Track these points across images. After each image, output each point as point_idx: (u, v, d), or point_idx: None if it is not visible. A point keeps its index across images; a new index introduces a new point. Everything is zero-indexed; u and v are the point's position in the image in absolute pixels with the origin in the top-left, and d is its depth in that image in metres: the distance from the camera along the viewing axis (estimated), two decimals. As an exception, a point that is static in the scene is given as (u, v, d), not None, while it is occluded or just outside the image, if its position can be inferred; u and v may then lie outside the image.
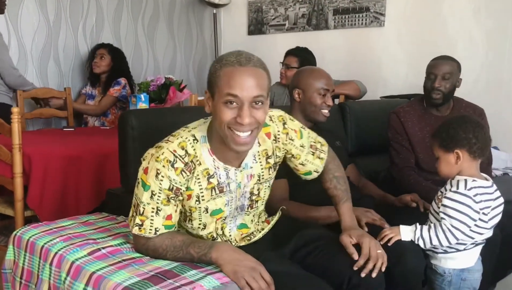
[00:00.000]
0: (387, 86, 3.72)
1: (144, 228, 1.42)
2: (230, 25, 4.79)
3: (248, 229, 1.61)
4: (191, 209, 1.46)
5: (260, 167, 1.52)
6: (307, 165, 1.66)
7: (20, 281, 1.63)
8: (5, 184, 2.46)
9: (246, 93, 1.29)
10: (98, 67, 3.67)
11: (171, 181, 1.37)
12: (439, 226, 1.66)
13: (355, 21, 3.93)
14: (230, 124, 1.31)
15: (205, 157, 1.42)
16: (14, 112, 2.37)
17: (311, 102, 2.05)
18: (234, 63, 1.31)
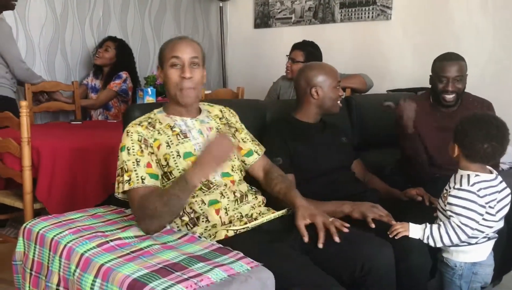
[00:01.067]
0: (393, 80, 3.72)
1: (132, 180, 1.59)
2: (236, 19, 4.79)
3: (231, 176, 1.75)
4: (166, 158, 1.67)
5: (215, 123, 1.84)
6: (247, 143, 1.90)
7: (31, 272, 1.65)
8: (14, 177, 2.48)
9: (185, 55, 1.69)
10: (100, 58, 3.67)
11: (139, 134, 1.67)
12: (448, 224, 1.67)
13: (362, 14, 3.93)
14: (178, 82, 1.69)
15: (162, 119, 1.75)
16: (22, 106, 2.39)
17: (330, 97, 2.11)
18: (175, 38, 1.75)
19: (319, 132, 2.16)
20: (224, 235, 1.61)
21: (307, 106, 2.14)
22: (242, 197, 1.75)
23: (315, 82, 2.10)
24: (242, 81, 4.29)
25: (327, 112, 2.16)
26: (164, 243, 1.54)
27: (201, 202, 1.66)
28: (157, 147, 1.69)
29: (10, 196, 2.61)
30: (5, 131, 2.64)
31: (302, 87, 2.14)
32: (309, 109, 2.14)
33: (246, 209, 1.73)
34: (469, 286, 1.75)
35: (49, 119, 3.71)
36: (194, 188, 1.56)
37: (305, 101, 2.14)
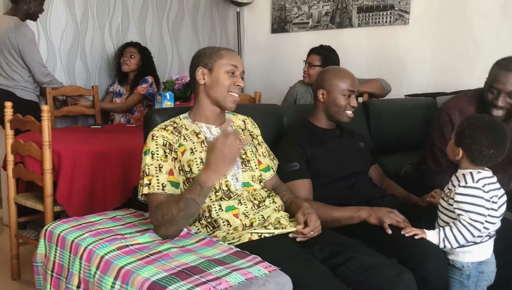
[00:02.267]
0: (411, 85, 3.70)
1: (152, 186, 1.62)
2: (254, 24, 4.81)
3: (252, 186, 1.78)
4: (189, 164, 1.69)
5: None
6: (266, 158, 1.93)
7: (51, 274, 1.68)
8: (36, 180, 2.53)
9: (240, 66, 1.80)
10: (127, 65, 3.74)
11: (164, 138, 1.70)
12: (458, 223, 1.69)
13: (379, 19, 3.91)
14: (230, 87, 1.75)
15: (188, 125, 1.79)
16: (44, 110, 2.43)
17: (335, 103, 2.06)
18: (226, 49, 1.84)
19: (335, 137, 2.15)
20: (248, 238, 1.62)
21: (317, 109, 2.12)
22: (260, 203, 1.76)
23: (324, 85, 2.08)
24: (259, 86, 4.30)
25: (334, 119, 2.11)
26: (182, 246, 1.56)
27: (218, 208, 1.68)
28: (182, 152, 1.71)
29: (31, 198, 2.66)
30: (27, 135, 2.69)
31: (314, 89, 2.14)
32: (319, 113, 2.11)
33: (268, 212, 1.74)
34: (476, 285, 1.77)
35: (68, 123, 3.77)
36: (209, 190, 1.57)
37: (315, 104, 2.14)
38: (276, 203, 1.80)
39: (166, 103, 3.14)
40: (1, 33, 3.18)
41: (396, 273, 1.54)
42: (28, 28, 3.24)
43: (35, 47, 3.26)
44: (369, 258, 1.59)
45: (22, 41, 3.17)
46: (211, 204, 1.68)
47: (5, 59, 3.21)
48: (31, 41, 3.23)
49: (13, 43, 3.16)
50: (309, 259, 1.56)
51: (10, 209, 2.72)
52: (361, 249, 1.65)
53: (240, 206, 1.70)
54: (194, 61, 1.82)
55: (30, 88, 3.28)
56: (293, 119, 2.33)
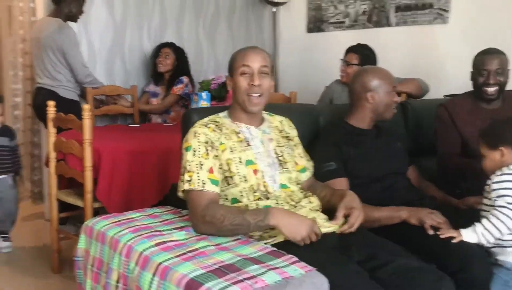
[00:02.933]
0: (450, 85, 3.60)
1: (193, 182, 1.64)
2: (289, 23, 4.80)
3: (289, 188, 1.78)
4: (228, 163, 1.70)
5: (275, 135, 1.87)
6: (303, 160, 1.92)
7: (92, 269, 1.73)
8: (76, 176, 2.60)
9: (255, 64, 1.73)
10: (163, 66, 3.79)
11: (206, 136, 1.71)
12: (494, 211, 1.67)
13: (418, 18, 3.84)
14: (247, 90, 1.73)
15: (229, 124, 1.80)
16: (85, 109, 2.50)
17: (385, 103, 2.08)
18: (245, 48, 1.80)
19: (373, 138, 2.13)
20: (283, 237, 1.61)
21: (362, 111, 2.11)
22: (297, 204, 1.76)
23: (371, 87, 2.08)
24: (294, 86, 4.29)
25: (381, 118, 2.13)
26: (219, 244, 1.57)
27: (255, 207, 1.68)
28: (222, 150, 1.72)
29: (72, 195, 2.74)
30: (69, 133, 2.77)
31: (357, 91, 2.11)
32: (363, 114, 2.11)
33: (304, 212, 1.73)
34: None
35: (107, 122, 3.85)
36: (267, 227, 1.58)
37: (359, 106, 2.12)
38: (312, 203, 1.79)
39: (203, 103, 3.18)
40: (46, 35, 3.28)
41: (435, 279, 1.51)
42: (71, 29, 3.34)
43: (77, 47, 3.35)
44: (407, 262, 1.56)
45: (65, 42, 3.26)
46: (249, 203, 1.69)
47: (49, 60, 3.30)
48: (73, 42, 3.32)
49: (57, 44, 3.26)
50: (346, 260, 1.54)
51: (52, 204, 2.80)
52: (400, 252, 1.62)
53: (277, 206, 1.70)
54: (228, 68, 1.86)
55: (71, 87, 3.37)
56: (329, 119, 2.32)
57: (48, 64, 3.32)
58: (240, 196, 1.71)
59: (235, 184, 1.71)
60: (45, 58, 3.32)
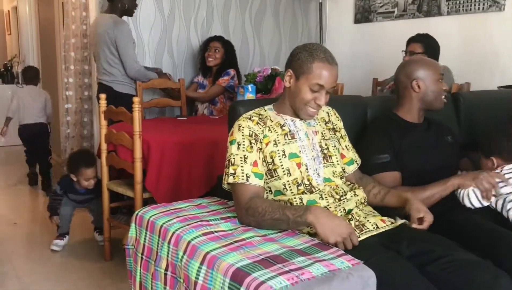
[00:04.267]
0: (505, 76, 3.46)
1: (237, 175, 1.66)
2: (336, 14, 4.73)
3: (333, 182, 1.76)
4: (272, 155, 1.71)
5: (321, 127, 1.84)
6: (350, 151, 1.91)
7: (141, 256, 1.77)
8: (127, 167, 2.67)
9: (328, 85, 1.69)
10: (213, 60, 3.83)
11: (250, 129, 1.71)
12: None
13: (471, 6, 3.70)
14: (309, 102, 1.71)
15: (273, 117, 1.79)
16: (135, 102, 2.56)
17: (433, 90, 2.04)
18: (324, 60, 1.68)
19: (422, 131, 2.08)
20: None
21: (409, 101, 2.07)
22: (341, 197, 1.74)
23: (416, 75, 2.03)
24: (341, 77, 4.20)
25: (430, 107, 2.08)
26: (265, 235, 1.58)
27: (299, 202, 1.68)
28: (266, 143, 1.72)
29: (122, 185, 2.82)
30: (119, 125, 2.85)
31: (402, 82, 2.08)
32: (412, 105, 2.07)
33: (350, 205, 1.72)
34: None
35: (156, 115, 3.94)
36: (305, 224, 1.56)
37: (406, 96, 2.07)
38: (358, 196, 1.77)
39: (248, 96, 3.19)
40: (101, 31, 3.39)
41: (492, 276, 1.45)
42: (126, 25, 3.43)
43: (131, 43, 3.43)
44: (461, 258, 1.51)
45: (119, 36, 3.34)
46: (292, 197, 1.69)
47: (104, 56, 3.41)
48: (127, 37, 3.40)
49: (111, 39, 3.35)
50: (395, 255, 1.52)
51: (104, 194, 2.90)
52: (454, 247, 1.57)
53: (321, 200, 1.69)
54: (290, 58, 1.76)
55: (127, 82, 3.46)
56: (377, 111, 2.28)
57: (103, 61, 3.43)
58: (283, 189, 1.71)
59: (278, 177, 1.71)
60: (101, 54, 3.42)
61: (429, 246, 1.57)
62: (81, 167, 2.98)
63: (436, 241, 1.61)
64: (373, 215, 1.75)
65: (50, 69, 5.76)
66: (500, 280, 1.45)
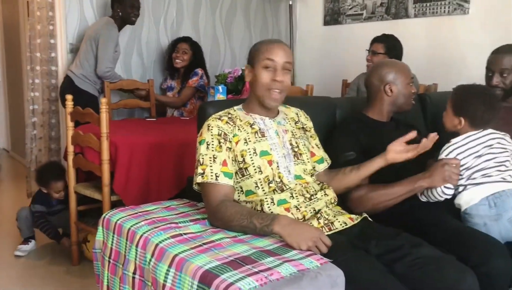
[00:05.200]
0: (471, 77, 3.49)
1: (206, 175, 1.65)
2: (306, 16, 4.77)
3: (303, 179, 1.77)
4: (242, 154, 1.70)
5: (291, 126, 1.86)
6: (320, 150, 1.94)
7: (109, 260, 1.74)
8: (94, 170, 2.62)
9: (279, 59, 1.70)
10: (181, 61, 3.80)
11: (219, 128, 1.71)
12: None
13: (437, 9, 3.78)
14: (268, 84, 1.71)
15: (243, 116, 1.79)
16: (102, 103, 2.52)
17: (404, 94, 2.09)
18: (270, 41, 1.77)
19: (392, 130, 2.12)
20: None
21: (380, 103, 2.11)
22: (312, 196, 1.75)
23: (389, 79, 2.08)
24: (311, 79, 4.26)
25: (400, 110, 2.14)
26: (234, 236, 1.57)
27: (270, 202, 1.68)
28: (236, 142, 1.72)
29: (89, 188, 2.76)
30: (87, 127, 2.79)
31: (375, 84, 2.11)
32: (382, 107, 2.11)
33: (320, 204, 1.73)
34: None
35: (125, 116, 3.88)
36: (272, 233, 1.54)
37: (378, 99, 2.11)
38: (328, 196, 1.78)
39: (219, 96, 3.17)
40: (93, 27, 3.46)
41: (458, 272, 1.49)
42: (115, 29, 3.43)
43: (112, 44, 3.41)
44: (428, 254, 1.53)
45: (103, 34, 3.36)
46: (264, 197, 1.68)
47: (85, 48, 3.42)
48: (111, 38, 3.39)
49: (97, 35, 3.37)
50: (363, 254, 1.53)
51: (70, 198, 2.84)
52: (420, 244, 1.60)
53: (292, 200, 1.69)
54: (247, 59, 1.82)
55: (90, 80, 3.43)
56: (346, 111, 2.30)
57: (82, 53, 3.43)
58: (255, 187, 1.70)
59: (250, 175, 1.70)
60: (83, 47, 3.44)
61: (396, 244, 1.58)
62: (50, 181, 2.96)
63: (403, 238, 1.63)
64: (342, 214, 1.77)
65: (15, 69, 5.62)
66: (465, 275, 1.49)
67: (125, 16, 3.49)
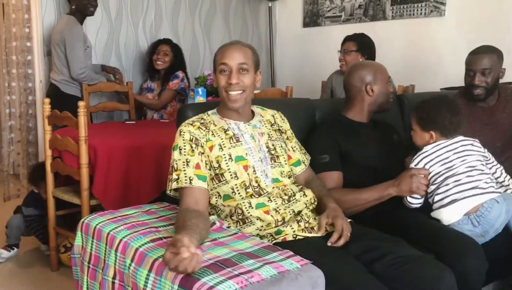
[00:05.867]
0: (447, 78, 3.61)
1: (180, 180, 1.64)
2: (285, 18, 4.79)
3: (281, 182, 1.77)
4: (218, 160, 1.70)
5: (267, 129, 1.85)
6: (296, 153, 1.92)
7: (88, 265, 1.72)
8: (72, 174, 2.59)
9: (233, 61, 1.71)
10: (162, 63, 3.78)
11: (191, 133, 1.70)
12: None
13: (414, 11, 3.84)
14: (225, 87, 1.72)
15: (217, 121, 1.79)
16: (80, 106, 2.49)
17: (384, 93, 2.11)
18: (224, 45, 1.78)
19: (370, 131, 2.14)
20: (282, 239, 1.63)
21: (361, 104, 2.12)
22: (290, 197, 1.75)
23: (369, 80, 2.09)
24: (291, 80, 4.29)
25: (381, 109, 2.16)
26: (215, 239, 1.56)
27: (248, 205, 1.68)
28: (210, 148, 1.71)
29: (68, 192, 2.73)
30: (65, 130, 2.76)
31: (355, 86, 2.12)
32: (362, 107, 2.13)
33: (299, 206, 1.74)
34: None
35: (104, 119, 3.85)
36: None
37: (358, 99, 2.12)
38: (307, 197, 1.79)
39: (199, 99, 3.16)
40: (57, 29, 3.39)
41: (436, 270, 1.51)
42: (78, 25, 3.38)
43: (79, 43, 3.36)
44: (406, 253, 1.56)
45: (68, 35, 3.31)
46: (241, 202, 1.68)
47: (56, 54, 3.37)
48: (76, 37, 3.34)
49: (62, 38, 3.32)
50: (342, 254, 1.54)
51: (49, 202, 2.79)
52: (399, 243, 1.62)
53: (270, 203, 1.69)
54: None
55: (74, 83, 3.40)
56: (325, 113, 2.32)
57: (56, 59, 3.39)
58: (232, 193, 1.70)
59: (226, 181, 1.70)
60: (54, 53, 3.39)
61: (375, 244, 1.60)
62: (41, 181, 2.90)
63: (382, 238, 1.65)
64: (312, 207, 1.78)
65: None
66: (444, 274, 1.51)
67: (81, 9, 3.42)
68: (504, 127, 2.35)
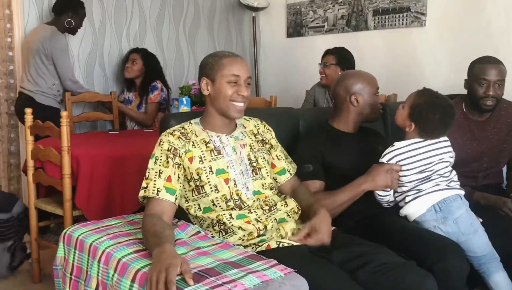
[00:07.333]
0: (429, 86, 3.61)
1: (148, 189, 1.65)
2: (269, 28, 4.82)
3: (262, 194, 1.77)
4: (198, 172, 1.70)
5: (250, 140, 1.84)
6: (281, 161, 1.92)
7: (70, 277, 1.70)
8: (55, 184, 2.56)
9: (243, 74, 1.74)
10: (129, 72, 3.76)
11: (170, 143, 1.70)
12: None
13: (396, 22, 3.89)
14: (233, 97, 1.72)
15: (199, 132, 1.78)
16: (63, 116, 2.47)
17: (371, 104, 2.11)
18: (230, 55, 1.78)
19: (355, 141, 2.15)
20: (266, 246, 1.63)
21: (347, 114, 2.12)
22: (271, 207, 1.75)
23: (355, 90, 2.09)
24: (275, 90, 4.31)
25: (367, 120, 2.15)
26: (198, 248, 1.56)
27: (229, 216, 1.68)
28: (189, 159, 1.71)
29: (51, 203, 2.70)
30: (47, 141, 2.73)
31: (341, 95, 2.12)
32: (349, 117, 2.12)
33: (280, 215, 1.74)
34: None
35: (87, 129, 3.82)
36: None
37: (344, 110, 2.12)
38: (288, 206, 1.79)
39: (183, 108, 3.17)
40: (36, 39, 3.34)
41: (419, 277, 1.54)
42: (63, 37, 3.39)
43: (67, 55, 3.39)
44: (389, 261, 1.58)
45: (56, 49, 3.30)
46: (222, 213, 1.68)
47: (34, 63, 3.33)
48: (64, 50, 3.36)
49: (46, 50, 3.29)
50: (325, 262, 1.55)
51: (31, 213, 2.76)
52: (381, 250, 1.64)
53: (251, 214, 1.70)
54: (199, 71, 1.82)
55: (50, 94, 3.37)
56: (309, 122, 2.33)
57: (32, 68, 3.35)
58: (212, 205, 1.70)
59: (206, 193, 1.70)
60: (31, 62, 3.34)
61: (358, 251, 1.62)
62: None
63: (365, 245, 1.67)
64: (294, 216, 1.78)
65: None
66: (426, 280, 1.54)
67: (75, 28, 3.45)
68: (493, 143, 2.32)
